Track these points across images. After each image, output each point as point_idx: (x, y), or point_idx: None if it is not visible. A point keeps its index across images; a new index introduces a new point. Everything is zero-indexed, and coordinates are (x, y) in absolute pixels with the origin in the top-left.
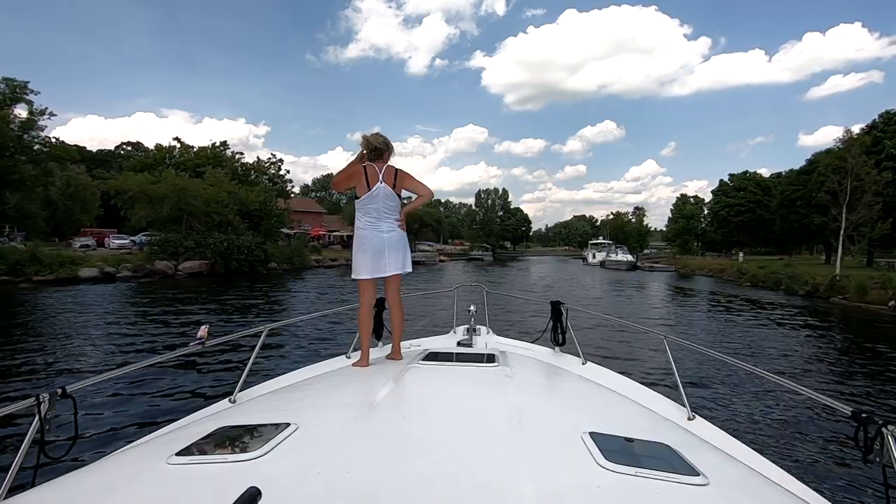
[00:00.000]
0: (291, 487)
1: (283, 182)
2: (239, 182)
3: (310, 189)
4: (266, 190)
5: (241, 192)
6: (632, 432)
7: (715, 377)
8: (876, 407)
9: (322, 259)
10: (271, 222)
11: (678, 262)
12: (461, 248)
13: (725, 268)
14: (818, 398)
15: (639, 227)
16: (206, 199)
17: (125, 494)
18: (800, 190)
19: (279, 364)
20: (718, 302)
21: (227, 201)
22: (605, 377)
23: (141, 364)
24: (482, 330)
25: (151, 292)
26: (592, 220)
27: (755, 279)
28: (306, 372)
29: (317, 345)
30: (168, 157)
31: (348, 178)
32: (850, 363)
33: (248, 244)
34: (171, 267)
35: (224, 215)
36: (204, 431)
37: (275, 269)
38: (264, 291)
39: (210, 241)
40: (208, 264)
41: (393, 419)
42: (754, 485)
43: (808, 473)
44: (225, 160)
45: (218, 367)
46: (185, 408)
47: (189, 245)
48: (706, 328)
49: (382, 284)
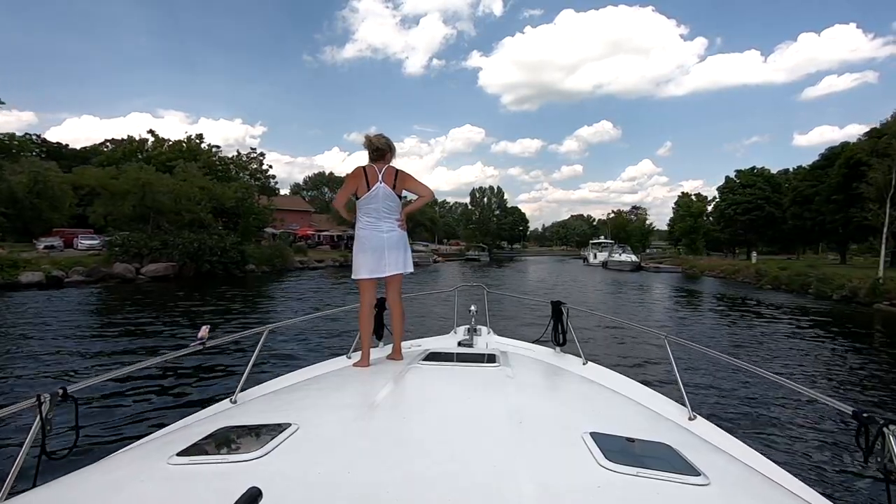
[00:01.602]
0: (292, 487)
1: (266, 178)
2: (215, 178)
3: (301, 188)
4: (245, 186)
5: (216, 188)
6: (633, 432)
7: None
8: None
9: (307, 260)
10: (249, 220)
11: (684, 262)
12: (457, 248)
13: (739, 268)
14: (819, 398)
15: (641, 227)
16: (175, 196)
17: (126, 494)
18: (815, 186)
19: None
20: (742, 308)
21: (200, 198)
22: (606, 377)
23: (142, 364)
24: (483, 330)
25: (102, 299)
26: (590, 220)
27: (776, 281)
28: (307, 372)
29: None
30: (140, 150)
31: (347, 189)
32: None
33: (223, 244)
34: (132, 270)
35: (196, 213)
36: (205, 431)
37: (253, 271)
38: (234, 297)
39: (179, 241)
40: (176, 267)
41: (393, 419)
42: (755, 485)
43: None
44: (200, 154)
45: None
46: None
47: (154, 245)
48: (737, 340)
49: (383, 285)
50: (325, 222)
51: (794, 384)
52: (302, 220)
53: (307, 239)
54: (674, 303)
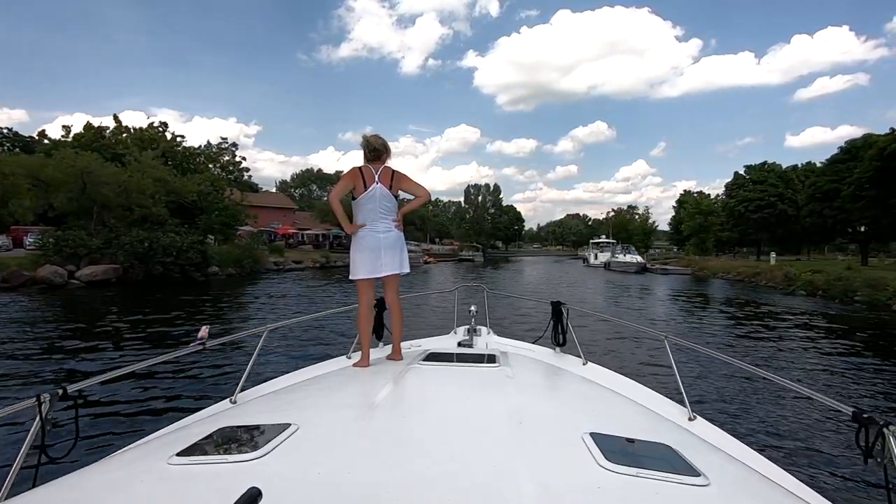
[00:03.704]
0: (292, 488)
1: (240, 171)
2: (178, 170)
3: (289, 185)
4: (211, 178)
5: (175, 181)
6: (632, 433)
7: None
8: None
9: (283, 261)
10: (212, 217)
11: (692, 263)
12: (450, 248)
13: (761, 271)
14: (820, 399)
15: (643, 226)
16: (124, 188)
17: (126, 495)
18: (836, 181)
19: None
20: (784, 319)
21: (154, 191)
22: (606, 377)
23: (142, 364)
24: (483, 330)
25: (10, 311)
26: (586, 219)
27: (811, 286)
28: (307, 372)
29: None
30: (100, 137)
31: (343, 187)
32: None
33: (179, 244)
34: (63, 274)
35: (148, 207)
36: (205, 432)
37: (217, 274)
38: (183, 305)
39: (125, 239)
40: (120, 269)
41: (393, 419)
42: (755, 485)
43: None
44: (160, 142)
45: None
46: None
47: (94, 245)
48: (817, 374)
49: (380, 286)
50: (308, 220)
51: (795, 384)
52: (285, 217)
53: (289, 238)
54: (698, 312)
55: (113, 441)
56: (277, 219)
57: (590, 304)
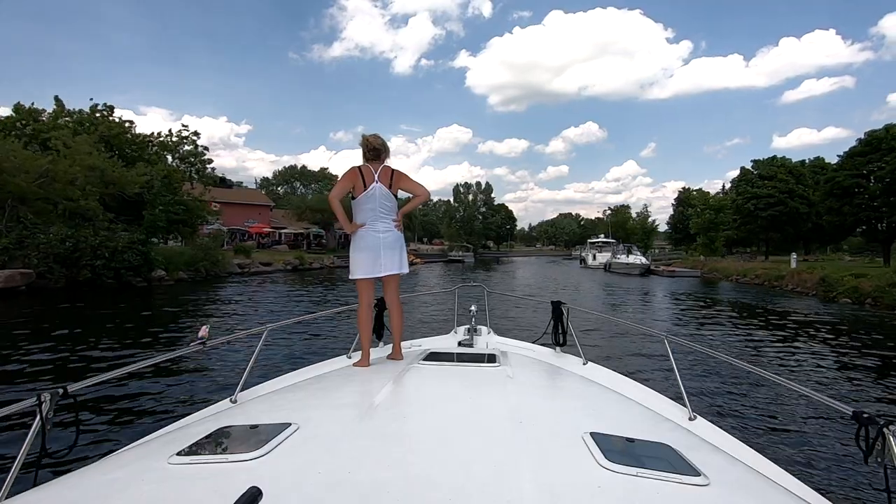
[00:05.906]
0: (292, 487)
1: (202, 163)
2: (124, 159)
3: (270, 182)
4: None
5: (114, 171)
6: (633, 432)
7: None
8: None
9: (249, 263)
10: (156, 213)
11: (699, 264)
12: (439, 248)
13: (784, 274)
14: (819, 399)
15: (643, 224)
16: (47, 177)
17: (126, 494)
18: (856, 177)
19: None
20: (848, 337)
21: (85, 182)
22: (606, 377)
23: (142, 364)
24: (483, 330)
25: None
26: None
27: (857, 294)
28: (307, 372)
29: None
30: (31, 121)
31: (343, 187)
32: None
33: (114, 244)
34: None
35: (75, 200)
36: (205, 431)
37: (163, 278)
38: (105, 320)
39: (41, 238)
40: (33, 275)
41: (394, 419)
42: (755, 485)
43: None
44: (100, 125)
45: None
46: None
47: (1, 245)
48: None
49: (380, 287)
50: (285, 218)
51: (795, 385)
52: (260, 216)
53: (263, 237)
54: (741, 328)
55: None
56: (252, 216)
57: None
